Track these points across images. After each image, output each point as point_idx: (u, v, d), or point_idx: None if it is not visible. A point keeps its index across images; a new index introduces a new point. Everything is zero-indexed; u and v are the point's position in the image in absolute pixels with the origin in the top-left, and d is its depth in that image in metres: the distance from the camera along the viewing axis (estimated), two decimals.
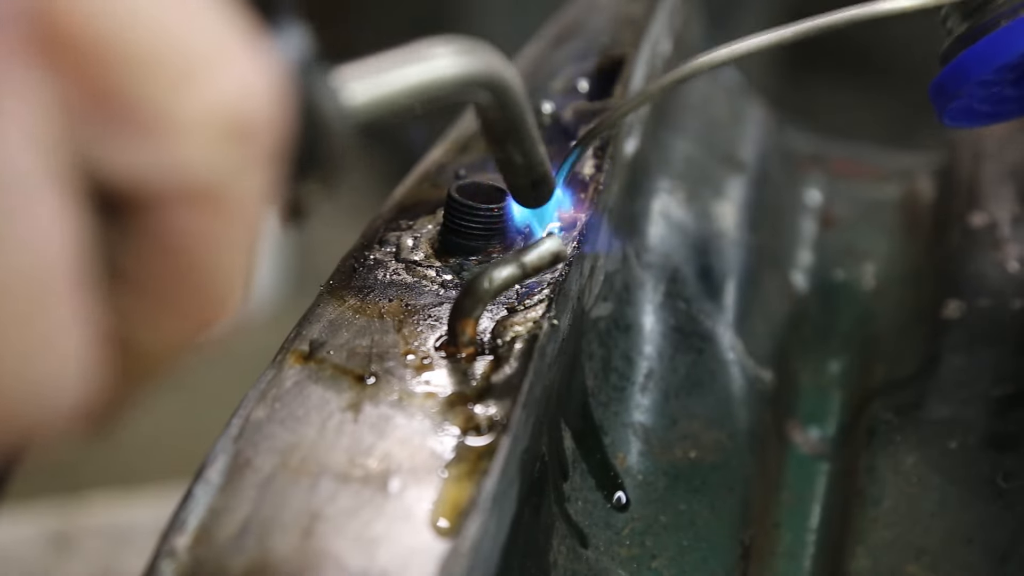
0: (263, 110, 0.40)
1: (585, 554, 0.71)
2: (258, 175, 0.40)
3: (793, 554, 0.81)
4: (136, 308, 0.40)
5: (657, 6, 0.97)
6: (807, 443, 0.88)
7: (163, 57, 0.37)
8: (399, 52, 0.50)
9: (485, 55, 0.54)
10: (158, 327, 0.41)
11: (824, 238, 1.03)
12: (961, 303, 0.89)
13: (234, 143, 0.39)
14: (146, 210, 0.38)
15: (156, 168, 0.38)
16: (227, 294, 0.41)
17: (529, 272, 0.64)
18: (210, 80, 0.38)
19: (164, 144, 0.37)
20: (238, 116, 0.39)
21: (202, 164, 0.38)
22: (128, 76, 0.37)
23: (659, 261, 0.86)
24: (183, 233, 0.39)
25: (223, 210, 0.39)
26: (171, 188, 0.38)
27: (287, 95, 0.42)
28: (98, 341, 0.39)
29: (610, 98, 0.85)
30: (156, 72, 0.37)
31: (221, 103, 0.38)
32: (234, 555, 0.52)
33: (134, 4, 0.37)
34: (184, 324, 0.41)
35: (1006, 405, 0.82)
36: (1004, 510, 0.77)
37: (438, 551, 0.52)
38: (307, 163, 0.45)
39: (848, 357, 0.94)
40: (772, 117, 1.10)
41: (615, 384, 0.79)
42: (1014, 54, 0.71)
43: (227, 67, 0.39)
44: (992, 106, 0.79)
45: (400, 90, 0.49)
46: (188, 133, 0.38)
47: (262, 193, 0.41)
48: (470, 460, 0.57)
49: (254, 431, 0.58)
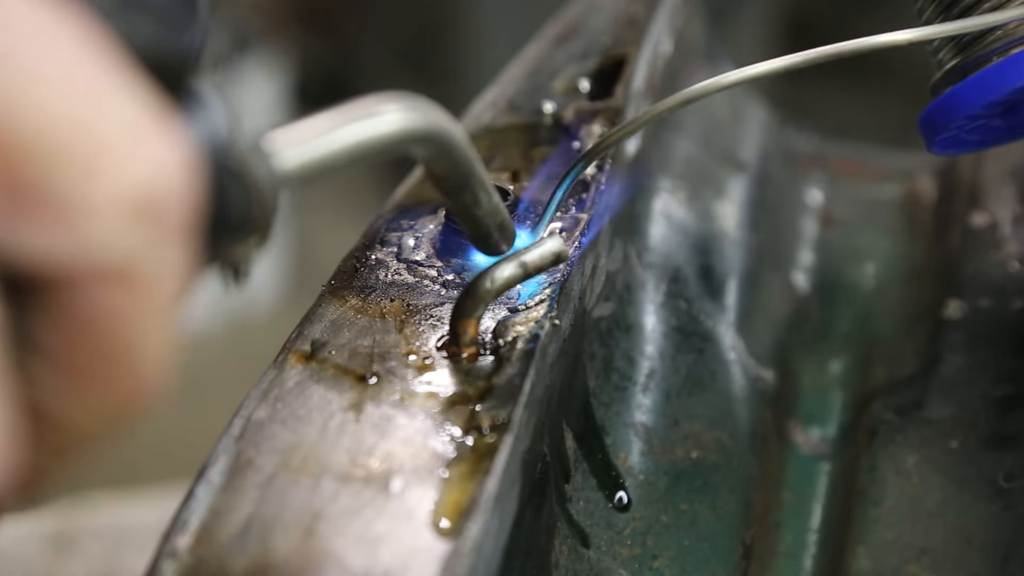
0: (173, 188, 0.41)
1: (587, 554, 0.71)
2: (172, 251, 0.41)
3: (794, 554, 0.81)
4: (56, 384, 0.41)
5: (658, 6, 0.97)
6: (808, 443, 0.88)
7: (70, 144, 0.38)
8: (338, 111, 0.51)
9: (424, 110, 0.54)
10: (79, 402, 0.42)
11: (825, 238, 1.03)
12: (962, 303, 0.89)
13: (144, 222, 0.40)
14: (60, 290, 0.39)
15: (67, 250, 0.38)
16: (147, 368, 0.42)
17: (530, 272, 0.64)
18: (118, 163, 0.39)
19: (73, 227, 0.38)
20: (147, 196, 0.40)
21: (112, 245, 0.39)
22: (35, 164, 0.38)
23: (660, 261, 0.86)
24: (97, 311, 0.40)
25: (136, 287, 0.40)
26: (82, 269, 0.39)
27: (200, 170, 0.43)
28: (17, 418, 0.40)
29: (611, 98, 0.85)
30: (63, 159, 0.38)
31: (129, 185, 0.39)
32: (236, 555, 0.52)
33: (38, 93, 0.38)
34: (106, 398, 0.42)
35: (1007, 405, 0.82)
36: (1005, 510, 0.77)
37: (440, 551, 0.52)
38: (239, 227, 0.46)
39: (849, 357, 0.94)
40: (773, 117, 1.10)
41: (616, 384, 0.79)
42: (1005, 91, 0.72)
43: (135, 149, 0.40)
44: (980, 135, 0.80)
45: (336, 151, 0.50)
46: (97, 216, 0.39)
47: (177, 269, 0.42)
48: (472, 460, 0.57)
49: (256, 431, 0.58)
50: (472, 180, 0.61)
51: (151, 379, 0.42)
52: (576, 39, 0.95)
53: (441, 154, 0.57)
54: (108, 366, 0.41)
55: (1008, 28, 0.72)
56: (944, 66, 0.76)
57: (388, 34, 3.26)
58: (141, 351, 0.41)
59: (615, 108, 0.84)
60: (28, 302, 0.40)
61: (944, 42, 0.76)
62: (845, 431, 0.88)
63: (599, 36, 0.94)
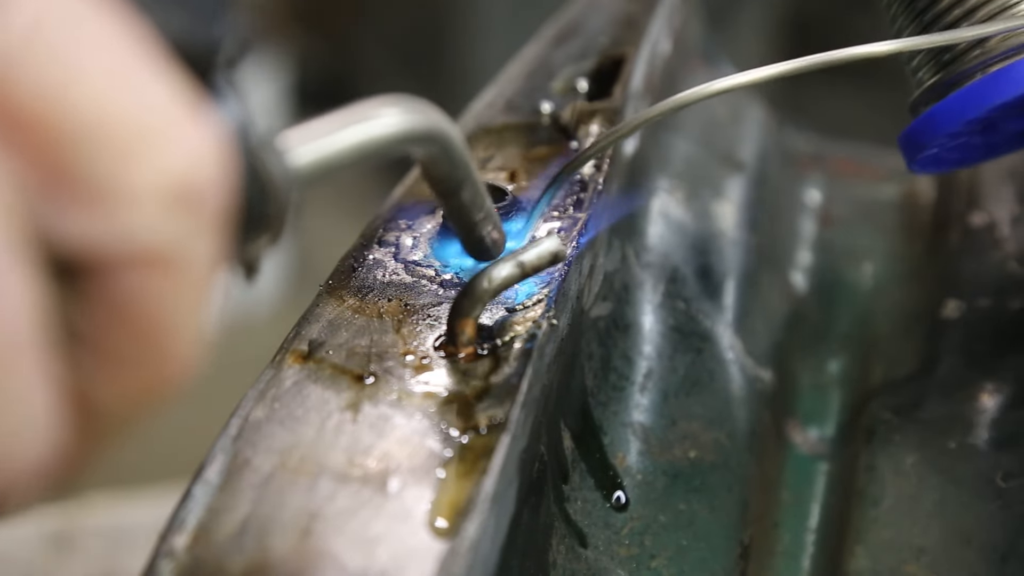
0: (209, 177, 0.42)
1: (584, 554, 0.71)
2: (207, 238, 0.42)
3: (792, 554, 0.81)
4: (94, 368, 0.42)
5: (656, 6, 0.97)
6: (806, 443, 0.88)
7: (111, 132, 0.39)
8: (342, 112, 0.52)
9: (425, 112, 0.56)
10: (115, 385, 0.43)
11: (823, 238, 1.03)
12: (960, 303, 0.89)
13: (182, 210, 0.41)
14: (100, 275, 0.40)
15: (108, 236, 0.40)
16: (181, 352, 0.43)
17: (528, 272, 0.64)
18: (157, 151, 0.40)
19: (115, 213, 0.39)
20: (185, 184, 0.41)
21: (152, 231, 0.40)
22: (79, 152, 0.39)
23: (658, 261, 0.86)
24: (135, 296, 0.41)
25: (173, 273, 0.41)
26: (122, 254, 0.40)
27: (232, 161, 0.44)
28: (60, 401, 0.41)
29: (610, 98, 0.85)
30: (105, 146, 0.39)
31: (168, 173, 0.40)
32: (233, 555, 0.52)
33: (82, 83, 0.39)
34: (141, 382, 0.43)
35: (1005, 405, 0.82)
36: (1003, 510, 0.77)
37: (437, 551, 0.52)
38: (254, 224, 0.47)
39: (847, 357, 0.94)
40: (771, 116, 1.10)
41: (614, 384, 0.79)
42: (985, 108, 0.72)
43: (173, 138, 0.41)
44: (959, 153, 0.80)
45: (343, 150, 0.52)
46: (137, 202, 0.40)
47: (211, 255, 0.43)
48: (469, 460, 0.57)
49: (253, 431, 0.58)
50: (468, 183, 0.62)
51: (184, 363, 0.44)
52: (575, 39, 0.95)
53: (440, 155, 0.58)
54: (144, 350, 0.42)
55: (988, 45, 0.72)
56: (924, 84, 0.75)
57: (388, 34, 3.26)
58: (176, 335, 0.43)
59: (614, 108, 0.84)
60: (68, 288, 0.40)
61: (924, 60, 0.76)
62: (843, 431, 0.88)
63: (597, 36, 0.94)
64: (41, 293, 0.39)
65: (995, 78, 0.71)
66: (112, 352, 0.42)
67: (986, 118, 0.74)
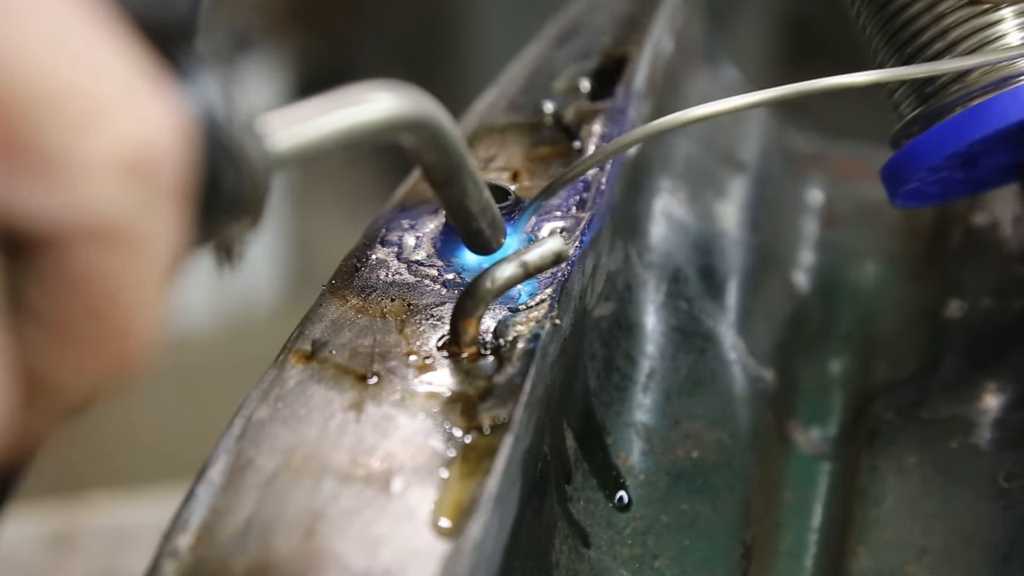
0: (166, 150, 0.41)
1: (587, 554, 0.71)
2: (164, 214, 0.41)
3: (794, 554, 0.81)
4: (46, 344, 0.41)
5: (658, 5, 0.97)
6: (808, 443, 0.88)
7: (65, 103, 0.38)
8: (328, 96, 0.51)
9: (414, 98, 0.55)
10: (69, 364, 0.42)
11: (825, 238, 1.03)
12: (963, 303, 0.89)
13: (136, 182, 0.40)
14: (52, 249, 0.39)
15: (60, 209, 0.39)
16: (139, 331, 0.42)
17: (531, 271, 0.64)
18: (111, 123, 0.39)
19: (67, 186, 0.39)
20: (140, 156, 0.40)
21: (105, 204, 0.39)
22: (30, 122, 0.38)
23: (661, 261, 0.86)
24: (89, 270, 0.40)
25: (128, 248, 0.40)
26: (75, 228, 0.39)
27: (196, 137, 0.43)
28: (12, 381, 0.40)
29: (612, 98, 0.85)
30: (58, 117, 0.38)
31: (122, 145, 0.39)
32: (236, 555, 0.52)
33: (31, 52, 0.38)
34: (96, 361, 0.42)
35: (1007, 405, 0.82)
36: (1006, 510, 0.77)
37: (440, 551, 0.52)
38: (230, 206, 0.46)
39: (849, 357, 0.94)
40: (773, 116, 1.10)
41: (617, 384, 0.79)
42: (965, 143, 0.71)
43: (129, 110, 0.40)
44: (940, 188, 0.79)
45: (326, 135, 0.50)
46: (90, 174, 0.39)
47: (170, 232, 0.42)
48: (472, 460, 0.57)
49: (256, 431, 0.58)
50: (462, 172, 0.61)
51: (141, 345, 0.42)
52: (577, 39, 0.95)
53: (430, 143, 0.57)
54: (98, 329, 0.41)
55: (969, 79, 0.72)
56: (905, 117, 0.75)
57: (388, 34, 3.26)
58: (132, 315, 0.42)
59: (616, 108, 0.84)
60: (19, 263, 0.40)
61: (905, 93, 0.75)
62: (845, 431, 0.88)
63: (600, 36, 0.94)
64: None
65: (976, 112, 0.71)
66: (65, 329, 0.41)
67: (967, 152, 0.74)
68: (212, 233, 0.46)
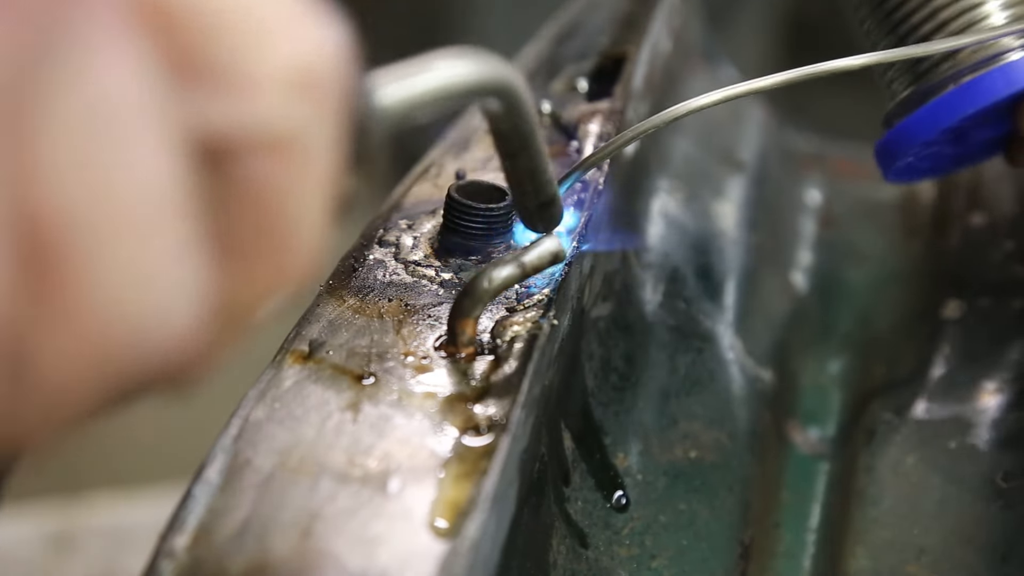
0: (330, 68, 0.43)
1: (585, 554, 0.71)
2: (327, 127, 0.43)
3: (793, 554, 0.81)
4: (221, 260, 0.42)
5: (657, 5, 0.97)
6: (807, 443, 0.88)
7: (240, 23, 0.41)
8: (419, 59, 0.53)
9: (500, 65, 0.57)
10: (242, 277, 0.43)
11: (824, 238, 1.03)
12: (961, 303, 0.89)
13: (305, 98, 0.42)
14: (226, 161, 0.41)
15: (236, 121, 0.41)
16: (304, 244, 0.44)
17: (528, 272, 0.64)
18: (282, 40, 0.42)
19: (243, 99, 0.41)
20: (308, 72, 0.42)
21: (277, 116, 0.41)
22: (210, 39, 0.40)
23: (659, 261, 0.86)
24: (261, 181, 0.42)
25: (297, 158, 0.42)
26: (249, 140, 0.41)
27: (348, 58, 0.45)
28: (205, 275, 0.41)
29: (610, 97, 0.85)
30: (235, 35, 0.41)
31: (292, 60, 0.42)
32: (233, 555, 0.52)
33: None
34: (266, 273, 0.44)
35: (1006, 405, 0.82)
36: (1004, 510, 0.77)
37: (437, 551, 0.52)
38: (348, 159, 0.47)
39: (848, 357, 0.94)
40: (772, 116, 1.10)
41: (615, 384, 0.79)
42: (958, 117, 0.74)
43: (296, 30, 0.42)
44: (931, 163, 0.82)
45: (423, 93, 0.52)
46: (265, 88, 0.41)
47: (331, 144, 0.44)
48: (469, 460, 0.57)
49: (253, 431, 0.58)
50: (532, 144, 0.62)
51: (304, 257, 0.44)
52: (575, 39, 0.95)
53: (510, 109, 0.59)
54: (269, 239, 0.43)
55: (959, 58, 0.75)
56: (897, 96, 0.78)
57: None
58: (298, 225, 0.43)
59: (615, 108, 0.84)
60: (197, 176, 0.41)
61: (897, 73, 0.78)
62: (844, 431, 0.88)
63: (598, 36, 0.94)
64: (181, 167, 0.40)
65: (968, 88, 0.74)
66: (238, 242, 0.42)
67: (958, 127, 0.76)
68: None
